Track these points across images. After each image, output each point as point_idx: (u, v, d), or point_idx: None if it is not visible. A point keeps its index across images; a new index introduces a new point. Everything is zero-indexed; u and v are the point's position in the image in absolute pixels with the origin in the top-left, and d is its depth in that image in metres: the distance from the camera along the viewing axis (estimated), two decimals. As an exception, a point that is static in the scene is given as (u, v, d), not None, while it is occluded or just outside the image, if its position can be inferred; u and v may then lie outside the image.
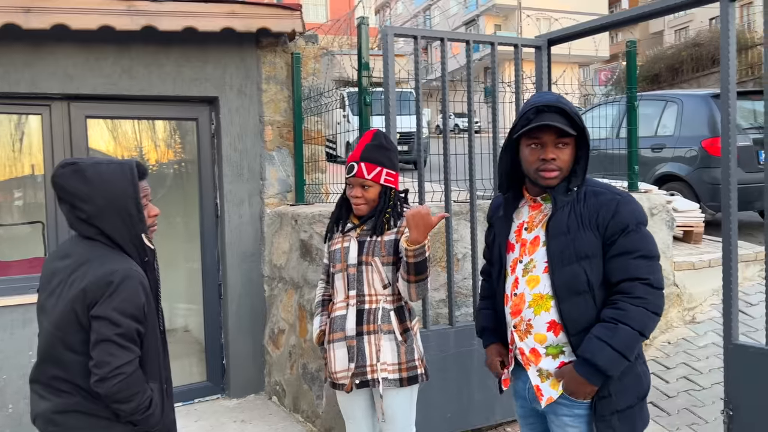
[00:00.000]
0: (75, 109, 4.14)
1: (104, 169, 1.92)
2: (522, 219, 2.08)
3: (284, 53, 4.69)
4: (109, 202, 1.90)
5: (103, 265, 1.87)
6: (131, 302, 1.86)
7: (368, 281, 2.54)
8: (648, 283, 1.87)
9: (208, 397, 4.60)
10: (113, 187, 1.91)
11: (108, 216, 1.91)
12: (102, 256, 1.90)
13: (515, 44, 3.67)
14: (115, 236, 1.93)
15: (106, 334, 1.82)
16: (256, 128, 4.59)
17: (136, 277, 1.88)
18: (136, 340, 1.89)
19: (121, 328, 1.83)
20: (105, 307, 1.82)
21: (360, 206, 2.55)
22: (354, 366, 2.51)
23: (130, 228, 1.94)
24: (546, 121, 1.88)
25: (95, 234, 1.93)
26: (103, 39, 4.00)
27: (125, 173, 1.93)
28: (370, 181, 2.52)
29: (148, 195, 2.04)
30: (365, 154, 2.55)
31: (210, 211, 4.59)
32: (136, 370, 1.87)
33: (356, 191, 2.54)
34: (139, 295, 1.88)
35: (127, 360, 1.84)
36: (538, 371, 1.99)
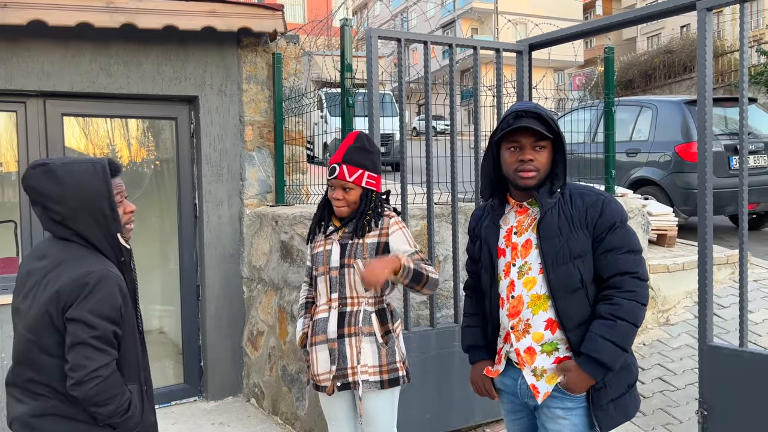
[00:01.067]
0: (51, 107, 4.06)
1: (76, 169, 1.88)
2: (510, 224, 2.14)
3: (265, 53, 4.67)
4: (82, 202, 1.87)
5: (77, 266, 1.84)
6: (107, 304, 1.83)
7: (350, 284, 2.55)
8: (637, 276, 1.97)
9: (185, 399, 4.55)
10: (85, 187, 1.87)
11: (82, 217, 1.88)
12: (77, 257, 1.87)
13: (497, 48, 3.70)
14: (90, 237, 1.90)
15: (82, 336, 1.79)
16: (236, 128, 4.56)
17: (112, 278, 1.85)
18: (113, 342, 1.86)
19: (97, 330, 1.80)
20: (80, 310, 1.79)
21: (341, 208, 2.56)
22: (335, 368, 2.52)
23: (104, 228, 1.91)
24: (524, 125, 1.94)
25: (70, 235, 1.90)
26: (82, 36, 3.95)
27: (97, 172, 1.90)
28: (351, 183, 2.53)
29: (123, 192, 2.01)
30: (347, 156, 2.55)
31: (188, 211, 4.55)
32: (114, 373, 1.84)
33: (338, 193, 2.54)
34: (116, 296, 1.85)
35: (104, 363, 1.81)
36: (533, 370, 2.05)
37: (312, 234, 2.68)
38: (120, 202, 1.98)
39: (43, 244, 2.00)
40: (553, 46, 3.78)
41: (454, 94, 3.58)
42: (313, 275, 2.67)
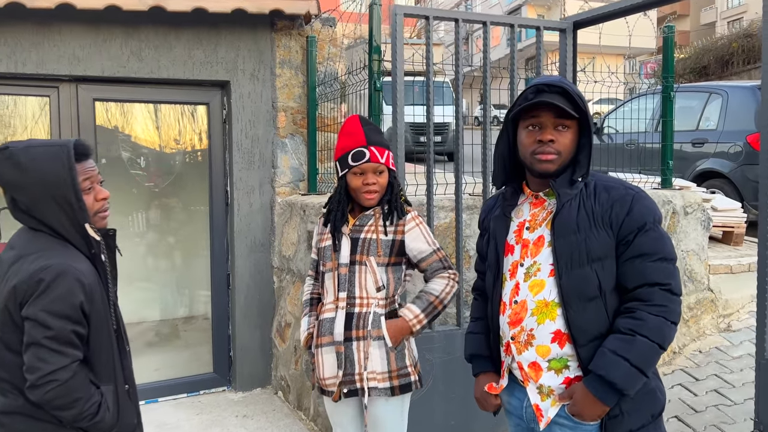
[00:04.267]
0: (83, 92, 4.05)
1: (37, 154, 1.74)
2: (523, 217, 1.86)
3: (299, 37, 4.52)
4: (44, 189, 1.73)
5: (36, 260, 1.71)
6: (64, 301, 1.68)
7: (360, 283, 2.34)
8: (668, 288, 1.65)
9: (213, 389, 4.50)
10: (48, 173, 1.73)
11: (46, 205, 1.75)
12: (41, 249, 1.74)
13: (537, 27, 3.41)
14: (57, 227, 1.77)
15: (36, 337, 1.66)
16: (268, 114, 4.44)
17: (71, 274, 1.70)
18: (74, 342, 1.72)
19: (52, 330, 1.67)
20: (34, 308, 1.66)
21: (373, 194, 2.34)
22: (342, 373, 2.33)
23: (71, 217, 1.77)
24: (545, 99, 1.67)
25: (37, 225, 1.78)
26: (112, 20, 3.90)
27: (60, 156, 1.75)
28: (383, 165, 2.33)
29: (93, 177, 1.85)
30: (370, 137, 2.34)
31: (220, 199, 4.47)
32: (75, 375, 1.71)
33: (370, 178, 2.32)
34: (75, 293, 1.70)
35: (61, 365, 1.67)
36: (538, 388, 1.76)
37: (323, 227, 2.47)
38: (89, 189, 1.83)
39: (15, 234, 1.89)
40: (601, 22, 3.45)
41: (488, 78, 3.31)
42: (320, 270, 2.46)
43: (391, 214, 2.34)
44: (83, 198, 1.81)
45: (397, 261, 2.38)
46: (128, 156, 4.45)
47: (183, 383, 4.45)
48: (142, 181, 4.54)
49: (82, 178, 1.83)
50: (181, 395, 4.40)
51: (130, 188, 4.50)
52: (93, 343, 1.81)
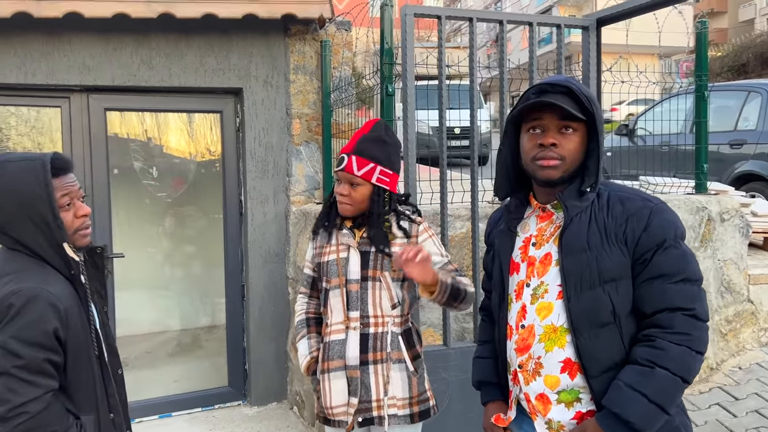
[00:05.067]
0: (94, 101, 4.00)
1: (12, 168, 1.64)
2: (529, 232, 1.68)
3: (314, 41, 4.41)
4: (18, 206, 1.63)
5: (8, 283, 1.60)
6: (36, 328, 1.57)
7: (374, 300, 2.17)
8: (692, 314, 1.45)
9: (228, 403, 4.39)
10: (21, 189, 1.63)
11: (20, 223, 1.64)
12: (16, 271, 1.64)
13: (557, 24, 3.22)
14: (33, 247, 1.66)
15: (5, 366, 1.55)
16: (282, 121, 4.33)
17: (43, 298, 1.59)
18: (47, 371, 1.61)
19: (22, 359, 1.55)
20: (4, 335, 1.55)
21: (344, 206, 2.19)
22: (357, 401, 2.15)
23: (48, 236, 1.66)
24: (547, 99, 1.49)
25: (13, 244, 1.68)
26: (121, 28, 3.84)
27: (35, 171, 1.64)
28: (359, 178, 2.16)
29: (72, 192, 1.74)
30: (359, 147, 2.19)
31: (234, 208, 4.37)
32: (48, 407, 1.59)
33: (343, 188, 2.18)
34: (47, 319, 1.59)
35: (33, 396, 1.56)
36: (547, 423, 1.58)
37: (315, 234, 2.33)
38: (68, 205, 1.72)
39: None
40: (625, 19, 3.24)
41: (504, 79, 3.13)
42: (323, 288, 2.28)
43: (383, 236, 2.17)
44: (60, 215, 1.71)
45: None
46: (140, 166, 4.39)
47: (198, 397, 4.36)
48: (154, 191, 4.47)
49: (60, 194, 1.72)
50: (196, 409, 4.31)
51: (143, 198, 4.44)
52: (71, 371, 1.70)
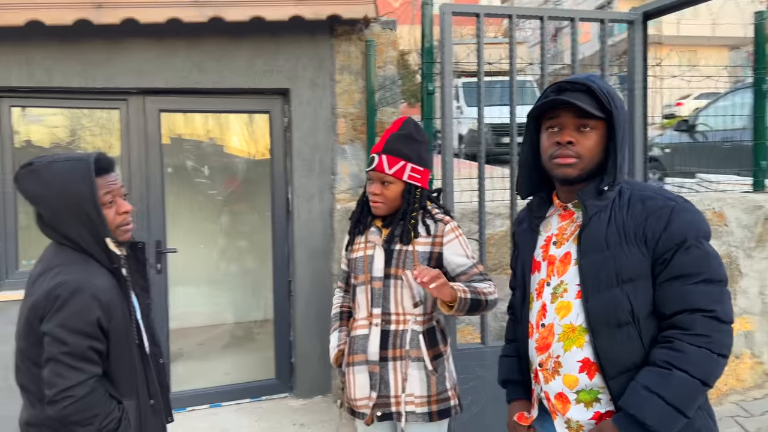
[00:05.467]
0: (150, 104, 4.19)
1: (59, 168, 1.76)
2: (550, 231, 1.67)
3: (359, 41, 4.47)
4: (65, 204, 1.75)
5: (55, 276, 1.72)
6: (81, 318, 1.69)
7: (396, 298, 2.21)
8: (714, 316, 1.41)
9: (275, 395, 4.52)
10: (68, 187, 1.74)
11: (67, 219, 1.76)
12: (62, 264, 1.76)
13: (601, 20, 3.15)
14: (78, 241, 1.78)
15: (53, 352, 1.67)
16: (328, 121, 4.41)
17: (88, 290, 1.70)
18: (91, 358, 1.72)
19: (68, 346, 1.67)
20: (51, 324, 1.68)
21: (377, 205, 2.23)
22: (376, 395, 2.20)
23: (92, 232, 1.77)
24: (563, 98, 1.49)
25: (60, 239, 1.80)
26: (174, 33, 4.01)
27: (80, 170, 1.76)
28: (391, 176, 2.20)
29: (114, 191, 1.85)
30: (389, 145, 2.22)
31: (281, 206, 4.49)
32: (92, 391, 1.70)
33: (375, 187, 2.22)
34: (91, 309, 1.70)
35: (77, 381, 1.68)
36: (566, 422, 1.58)
37: (351, 236, 2.39)
38: (111, 202, 1.84)
39: (45, 249, 1.93)
40: (674, 12, 3.15)
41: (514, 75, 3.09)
42: (351, 283, 2.35)
43: (407, 232, 2.20)
44: (103, 212, 1.82)
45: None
46: (193, 165, 4.56)
47: (246, 388, 4.51)
48: (206, 189, 4.63)
49: (103, 191, 1.83)
50: (245, 400, 4.45)
51: (195, 196, 4.61)
52: (113, 359, 1.81)
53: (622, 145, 1.53)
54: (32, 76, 3.86)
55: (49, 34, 3.76)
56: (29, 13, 3.62)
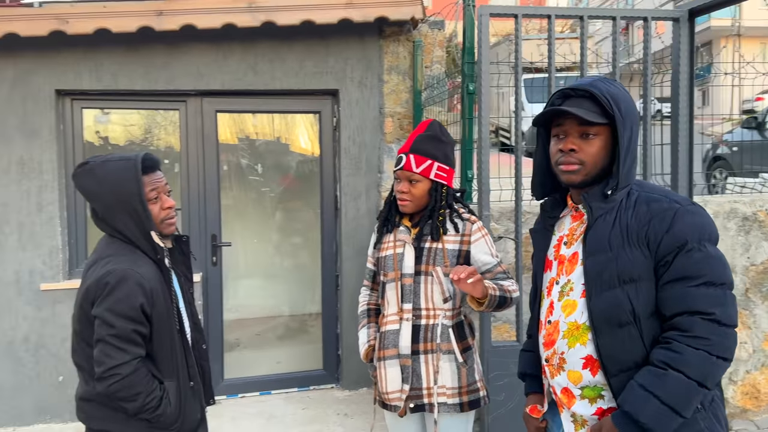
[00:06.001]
0: (207, 104, 4.42)
1: (111, 167, 1.93)
2: (563, 231, 1.72)
3: (407, 42, 4.55)
4: (116, 199, 1.91)
5: (106, 265, 1.89)
6: (126, 303, 1.85)
7: (426, 294, 2.30)
8: (713, 318, 1.42)
9: (322, 385, 4.68)
10: (119, 184, 1.91)
11: (117, 213, 1.93)
12: (112, 254, 1.92)
13: (644, 18, 3.11)
14: (127, 233, 1.94)
15: (101, 334, 1.84)
16: (375, 120, 4.52)
17: (133, 278, 1.86)
18: (136, 340, 1.88)
19: (115, 329, 1.84)
20: (101, 308, 1.85)
21: (405, 203, 2.32)
22: (408, 388, 2.29)
23: (138, 225, 1.94)
24: (570, 106, 1.53)
25: (111, 231, 1.97)
26: (229, 37, 4.21)
27: (129, 169, 1.92)
28: (418, 175, 2.29)
29: (160, 187, 2.01)
30: (416, 146, 2.32)
31: (330, 203, 4.64)
32: (136, 371, 1.86)
33: (403, 186, 2.31)
34: (136, 296, 1.86)
35: (123, 361, 1.84)
36: (572, 416, 1.63)
37: (380, 234, 2.48)
38: (156, 198, 2.00)
39: (99, 240, 2.12)
40: (722, 8, 3.07)
41: (552, 73, 3.09)
42: (381, 281, 2.44)
43: (437, 229, 2.28)
44: (149, 207, 1.99)
45: None
46: (246, 163, 4.77)
47: (295, 378, 4.69)
48: (259, 186, 4.83)
49: (149, 188, 1.99)
50: (293, 389, 4.63)
51: (249, 193, 4.82)
52: (155, 342, 1.96)
53: (627, 148, 1.55)
54: (100, 80, 4.15)
55: (115, 40, 4.03)
56: (98, 22, 3.90)
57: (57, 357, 4.16)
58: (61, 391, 4.16)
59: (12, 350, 4.11)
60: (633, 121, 1.57)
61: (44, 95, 4.10)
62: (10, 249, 4.10)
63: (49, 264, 4.13)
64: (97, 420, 1.98)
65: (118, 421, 1.95)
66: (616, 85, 1.60)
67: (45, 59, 4.08)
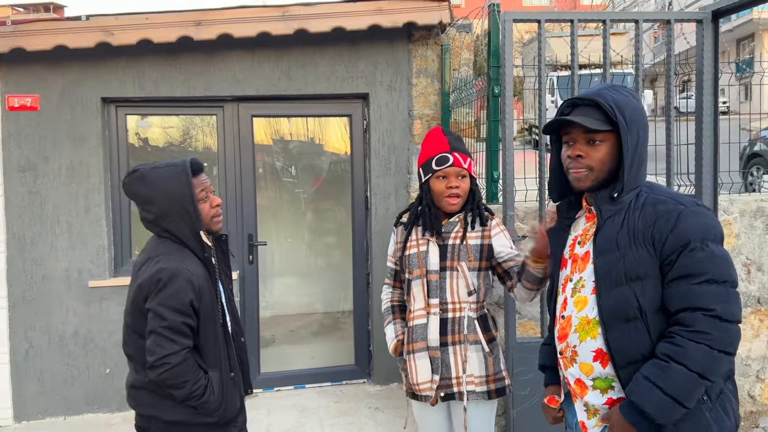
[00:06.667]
0: (243, 110, 4.61)
1: (161, 173, 2.08)
2: (577, 231, 1.83)
3: (436, 45, 4.66)
4: (169, 202, 2.06)
5: (157, 263, 2.04)
6: (176, 298, 1.99)
7: (452, 288, 2.42)
8: (714, 314, 1.51)
9: (354, 380, 4.83)
10: (171, 188, 2.06)
11: (170, 215, 2.08)
12: (162, 253, 2.07)
13: (668, 20, 3.16)
14: (179, 234, 2.10)
15: (154, 326, 2.00)
16: (404, 122, 4.64)
17: (183, 275, 2.01)
18: (185, 332, 2.02)
19: (167, 321, 1.99)
20: (154, 302, 2.00)
21: (456, 200, 2.42)
22: (438, 378, 2.42)
23: (189, 225, 2.09)
24: (578, 115, 1.64)
25: (161, 232, 2.12)
26: (264, 44, 4.39)
27: (179, 174, 2.07)
28: (465, 170, 2.43)
29: (207, 188, 2.16)
30: (453, 144, 2.44)
31: (360, 203, 4.78)
32: (184, 361, 2.01)
33: (453, 182, 2.42)
34: (186, 291, 2.01)
35: (172, 351, 1.99)
36: (585, 405, 1.73)
37: (408, 234, 2.58)
38: (204, 198, 2.15)
39: (148, 241, 2.28)
40: (748, 8, 3.10)
41: (574, 71, 3.15)
42: (406, 278, 2.55)
43: (474, 220, 2.40)
44: (199, 207, 2.15)
45: (487, 266, 2.44)
46: (281, 165, 4.94)
47: (328, 373, 4.85)
48: (293, 187, 5.01)
49: (198, 189, 2.15)
50: (326, 383, 4.79)
51: (283, 194, 4.99)
52: (201, 334, 2.11)
53: (633, 153, 1.64)
54: (143, 88, 4.37)
55: (157, 50, 4.25)
56: (140, 33, 4.11)
57: (104, 350, 4.40)
58: (108, 382, 4.41)
59: (63, 344, 4.37)
60: (639, 127, 1.66)
61: (91, 103, 4.34)
62: (61, 248, 4.35)
63: (96, 262, 4.38)
64: (146, 406, 2.14)
65: (166, 408, 2.11)
66: (623, 93, 1.68)
67: (91, 69, 4.32)
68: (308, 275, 5.23)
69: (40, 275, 4.34)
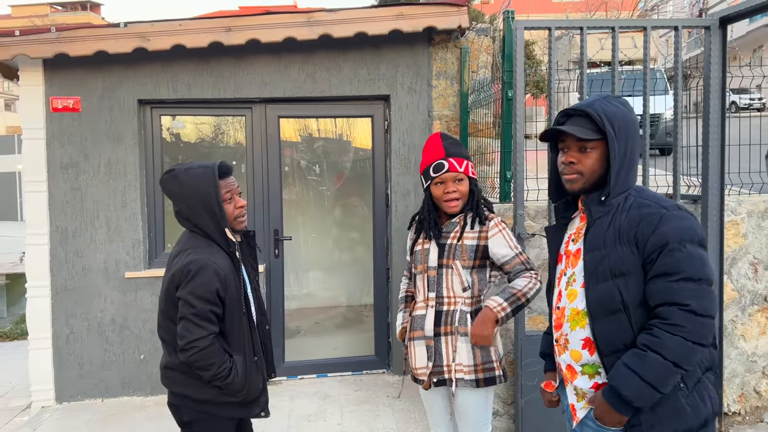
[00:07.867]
0: (270, 111, 4.83)
1: (193, 174, 2.30)
2: (572, 230, 2.00)
3: (455, 48, 4.82)
4: (198, 201, 2.28)
5: (188, 255, 2.26)
6: (204, 288, 2.20)
7: (447, 284, 2.60)
8: (689, 309, 1.66)
9: (374, 370, 5.04)
10: (200, 188, 2.27)
11: (199, 212, 2.29)
12: (193, 246, 2.29)
13: (675, 27, 3.28)
14: (206, 229, 2.31)
15: (184, 312, 2.22)
16: (424, 123, 4.81)
17: (210, 267, 2.22)
18: (212, 319, 2.23)
19: (195, 308, 2.20)
20: (184, 291, 2.22)
21: (455, 203, 2.59)
22: (432, 365, 2.61)
23: (215, 223, 2.30)
24: (572, 124, 1.80)
25: (192, 227, 2.34)
26: (290, 49, 4.60)
27: (208, 175, 2.28)
28: (462, 173, 2.58)
29: (233, 190, 2.37)
30: (449, 150, 2.60)
31: (381, 200, 4.97)
32: (212, 345, 2.22)
33: (450, 186, 2.58)
34: (213, 281, 2.21)
35: (200, 336, 2.20)
36: (574, 389, 1.91)
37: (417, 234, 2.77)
38: (230, 200, 2.36)
39: (181, 235, 2.50)
40: (752, 16, 3.20)
41: (584, 74, 3.28)
42: (413, 272, 2.78)
43: (474, 221, 2.56)
44: (224, 207, 2.36)
45: (482, 264, 2.60)
46: (306, 164, 5.16)
47: (349, 362, 5.06)
48: (317, 185, 5.22)
49: (224, 191, 2.36)
50: (347, 373, 5.01)
51: (307, 191, 5.21)
52: (227, 321, 2.33)
53: (621, 160, 1.80)
54: (176, 90, 4.63)
55: (189, 55, 4.49)
56: (174, 39, 4.36)
57: (139, 337, 4.68)
58: (142, 367, 4.69)
59: (101, 330, 4.66)
60: (629, 135, 1.81)
61: (128, 105, 4.61)
62: (100, 241, 4.64)
63: (132, 254, 4.65)
64: (177, 385, 2.37)
65: (195, 387, 2.34)
66: (614, 104, 1.84)
67: (129, 72, 4.59)
68: (331, 269, 5.44)
69: (80, 266, 4.63)
